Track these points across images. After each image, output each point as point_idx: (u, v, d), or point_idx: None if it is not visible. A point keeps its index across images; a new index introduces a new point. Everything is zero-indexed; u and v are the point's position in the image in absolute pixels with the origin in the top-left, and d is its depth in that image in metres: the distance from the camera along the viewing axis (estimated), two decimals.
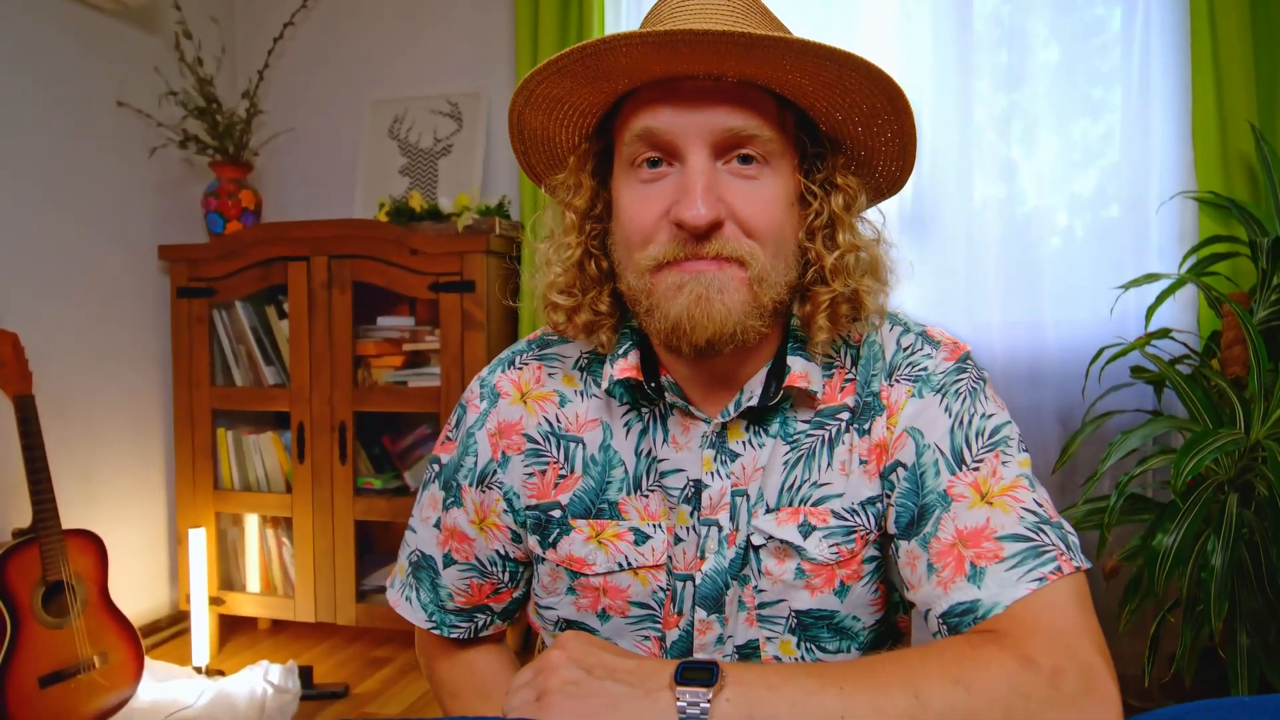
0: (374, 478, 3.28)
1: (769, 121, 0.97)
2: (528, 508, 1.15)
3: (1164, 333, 2.48)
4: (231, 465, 3.34)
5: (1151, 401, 2.75)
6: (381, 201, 3.34)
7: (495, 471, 1.15)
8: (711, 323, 0.95)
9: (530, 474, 1.13)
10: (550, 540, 1.14)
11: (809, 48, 0.90)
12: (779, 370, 1.05)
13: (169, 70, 3.46)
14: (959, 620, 0.91)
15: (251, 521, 3.38)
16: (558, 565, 1.13)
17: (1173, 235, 2.76)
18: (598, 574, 1.10)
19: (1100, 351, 2.43)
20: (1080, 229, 2.88)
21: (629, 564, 1.09)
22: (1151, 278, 2.49)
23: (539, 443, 1.13)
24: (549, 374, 1.15)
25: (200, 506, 3.32)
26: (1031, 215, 2.90)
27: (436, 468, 1.20)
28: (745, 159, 0.97)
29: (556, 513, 1.13)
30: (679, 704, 0.81)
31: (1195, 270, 2.60)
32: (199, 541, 3.20)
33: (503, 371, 1.18)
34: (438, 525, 1.19)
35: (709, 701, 0.81)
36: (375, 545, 3.62)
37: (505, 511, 1.15)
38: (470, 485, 1.16)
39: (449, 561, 1.19)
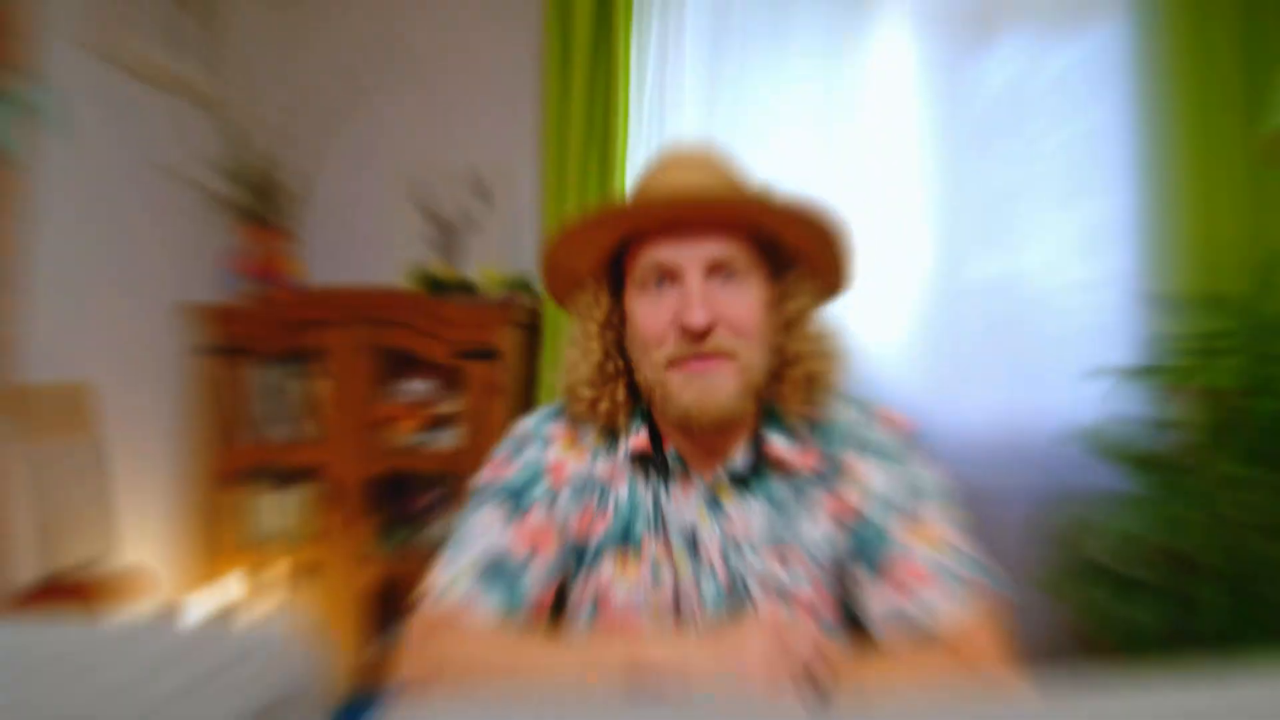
0: (392, 535, 3.39)
1: (745, 248, 1.30)
2: (568, 541, 1.38)
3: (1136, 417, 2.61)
4: (253, 521, 3.46)
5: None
6: (411, 271, 3.50)
7: (556, 500, 1.36)
8: (715, 409, 1.27)
9: (574, 510, 1.36)
10: (582, 567, 1.35)
11: (769, 207, 1.26)
12: (756, 441, 1.33)
13: (213, 137, 3.64)
14: (897, 627, 1.19)
15: (273, 576, 3.49)
16: (583, 591, 1.34)
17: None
18: (617, 606, 1.31)
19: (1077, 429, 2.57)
20: (1073, 313, 3.04)
21: (645, 599, 1.31)
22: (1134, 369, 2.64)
23: (581, 486, 1.36)
24: (581, 435, 1.41)
25: (222, 562, 3.43)
26: (1025, 298, 3.05)
27: (494, 488, 1.36)
28: (729, 275, 1.29)
29: (592, 544, 1.35)
30: None
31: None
32: (221, 593, 3.30)
33: (551, 421, 1.42)
34: (508, 528, 1.31)
35: None
36: (396, 600, 3.72)
37: (559, 535, 1.36)
38: (543, 505, 1.34)
39: (531, 556, 1.29)
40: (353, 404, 3.36)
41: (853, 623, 1.29)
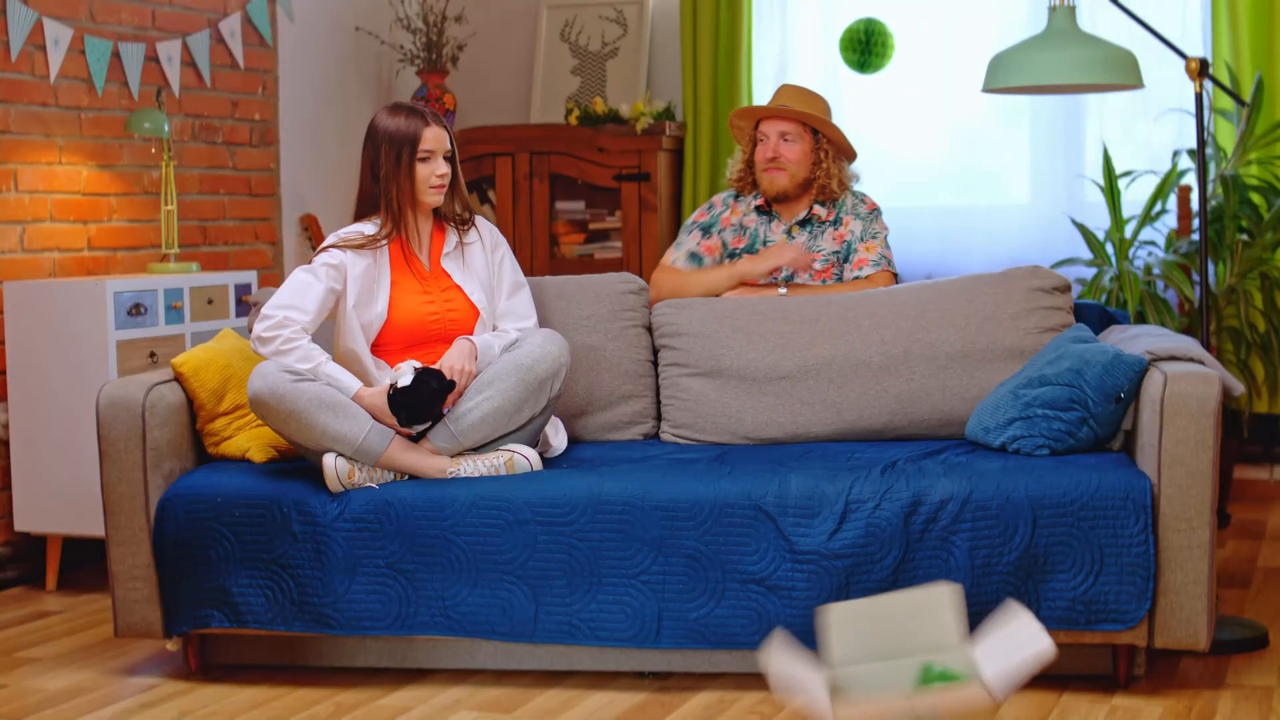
0: None
1: (798, 127, 2.78)
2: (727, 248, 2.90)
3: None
4: None
5: None
6: (570, 106, 4.01)
7: (723, 231, 2.86)
8: (774, 190, 2.80)
9: (730, 236, 2.86)
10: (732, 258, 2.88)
11: (811, 117, 2.78)
12: (810, 209, 2.85)
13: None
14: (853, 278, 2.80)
15: None
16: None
17: None
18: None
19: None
20: None
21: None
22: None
23: (738, 225, 2.86)
24: (739, 204, 2.90)
25: None
26: None
27: (692, 226, 2.86)
28: (788, 138, 2.78)
29: (740, 249, 2.85)
30: None
31: None
32: None
33: (726, 197, 2.91)
34: (698, 243, 2.82)
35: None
36: None
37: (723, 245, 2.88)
38: (716, 233, 2.86)
39: (707, 260, 2.82)
40: (527, 223, 3.96)
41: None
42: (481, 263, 2.48)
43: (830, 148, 2.79)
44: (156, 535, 2.28)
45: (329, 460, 2.21)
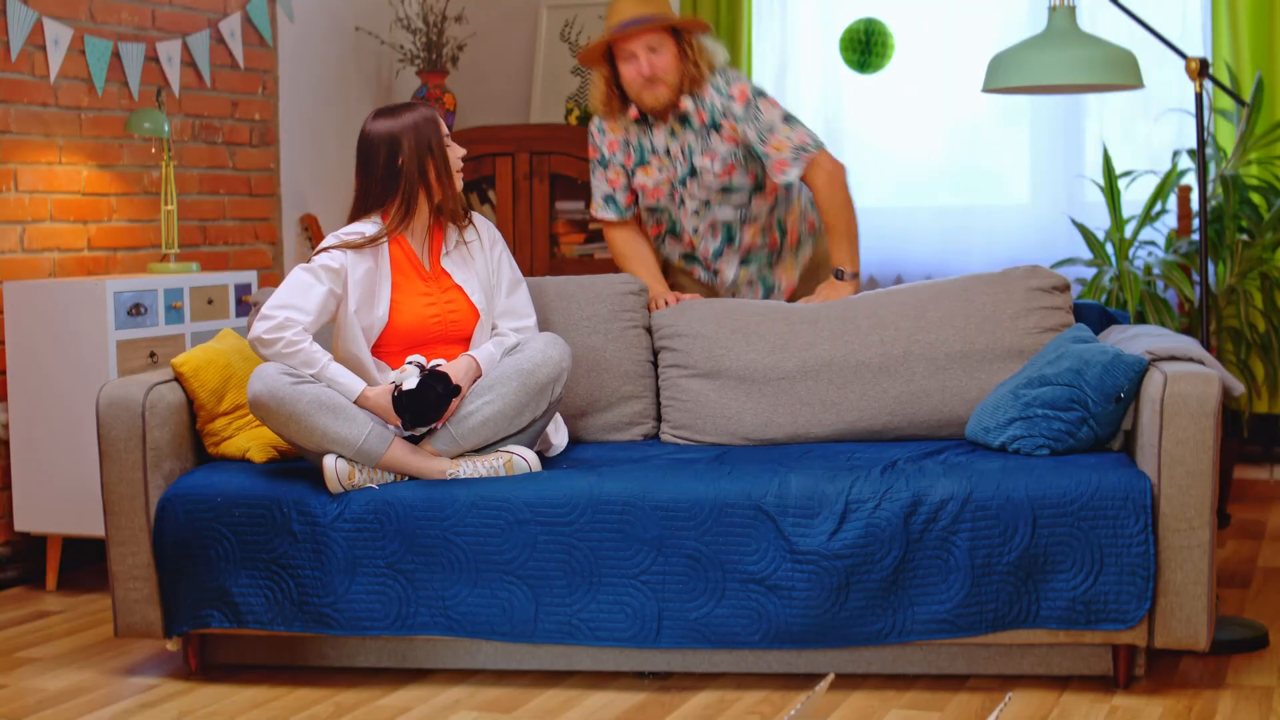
0: None
1: (660, 34, 2.64)
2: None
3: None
4: None
5: None
6: (570, 106, 4.01)
7: (616, 157, 2.82)
8: (655, 102, 2.68)
9: (623, 155, 2.82)
10: (634, 171, 2.83)
11: (669, 19, 2.67)
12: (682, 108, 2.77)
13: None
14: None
15: None
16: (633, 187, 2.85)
17: None
18: (649, 187, 2.79)
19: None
20: None
21: (663, 179, 2.77)
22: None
23: (623, 143, 2.81)
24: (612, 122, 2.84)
25: None
26: None
27: (594, 165, 2.84)
28: (653, 48, 2.64)
29: (632, 164, 2.81)
30: None
31: None
32: None
33: (600, 120, 2.84)
34: (605, 180, 2.82)
35: None
36: None
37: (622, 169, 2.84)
38: (609, 162, 2.83)
39: (620, 195, 2.83)
40: (527, 223, 3.96)
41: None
42: (481, 261, 2.48)
43: (691, 39, 2.71)
44: (156, 535, 2.29)
45: (329, 462, 2.21)
